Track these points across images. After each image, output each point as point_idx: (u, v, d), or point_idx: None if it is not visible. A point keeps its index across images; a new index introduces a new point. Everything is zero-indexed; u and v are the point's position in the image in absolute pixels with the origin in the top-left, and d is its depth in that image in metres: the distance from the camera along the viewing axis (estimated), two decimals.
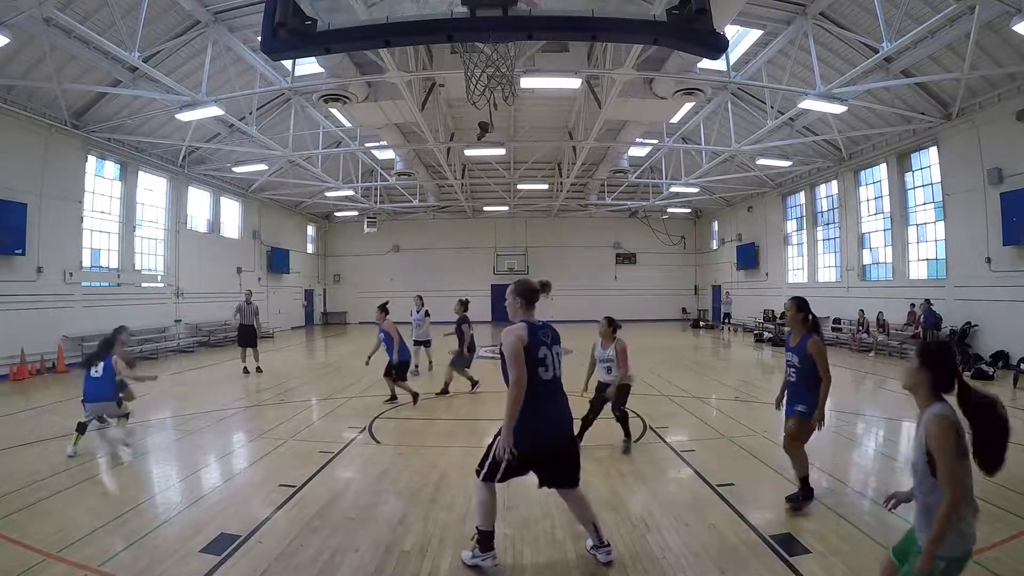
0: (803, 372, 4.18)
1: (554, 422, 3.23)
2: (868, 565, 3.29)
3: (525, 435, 3.11)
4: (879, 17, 8.97)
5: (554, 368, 3.25)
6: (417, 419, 7.46)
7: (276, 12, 2.73)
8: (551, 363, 3.23)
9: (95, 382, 5.90)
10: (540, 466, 3.27)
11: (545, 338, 3.26)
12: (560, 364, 3.31)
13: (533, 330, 3.23)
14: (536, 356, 3.18)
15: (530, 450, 3.14)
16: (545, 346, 3.24)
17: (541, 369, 3.19)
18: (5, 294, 10.96)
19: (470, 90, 7.67)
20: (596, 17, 2.85)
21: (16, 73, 10.25)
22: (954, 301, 12.51)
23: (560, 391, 3.30)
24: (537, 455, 3.19)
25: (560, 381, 3.30)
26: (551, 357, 3.24)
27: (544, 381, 3.19)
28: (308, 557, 3.49)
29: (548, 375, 3.21)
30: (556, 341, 3.34)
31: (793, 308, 4.25)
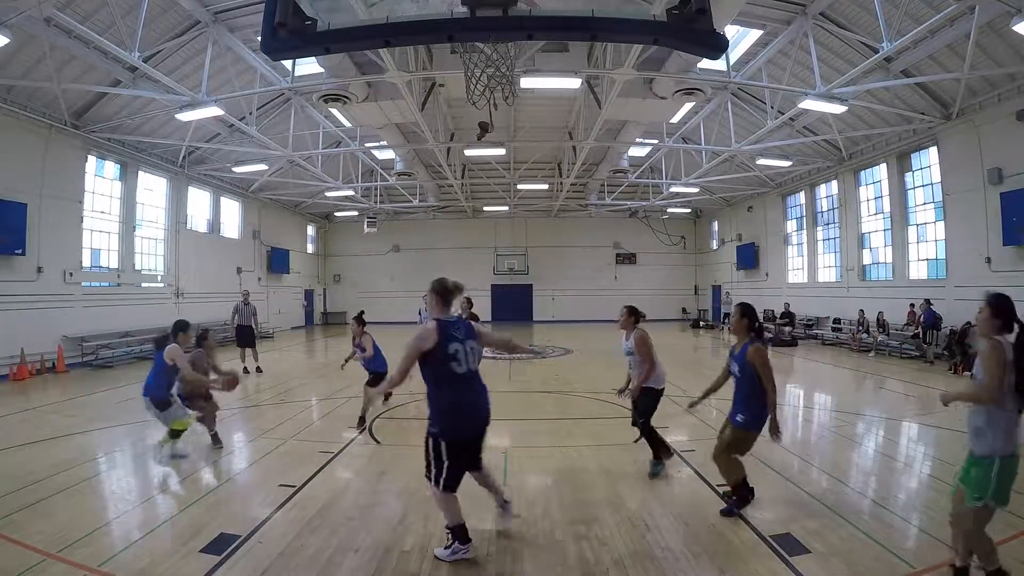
0: (743, 381, 4.05)
1: (472, 412, 3.48)
2: (868, 565, 3.30)
3: (449, 426, 3.40)
4: (879, 17, 8.97)
5: (467, 363, 3.43)
6: (417, 419, 7.45)
7: (276, 12, 2.73)
8: (463, 358, 3.41)
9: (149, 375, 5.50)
10: (468, 453, 3.53)
11: (457, 333, 3.44)
12: (474, 358, 3.48)
13: (444, 327, 3.42)
14: (447, 352, 3.36)
15: (455, 437, 3.41)
16: (457, 341, 3.41)
17: (454, 364, 3.38)
18: (5, 294, 10.95)
19: (470, 90, 7.66)
20: (596, 17, 2.85)
21: (16, 73, 10.25)
22: (954, 301, 12.50)
23: (476, 382, 3.50)
24: (463, 443, 3.46)
25: (475, 373, 3.49)
26: (463, 352, 3.41)
27: (458, 375, 3.39)
28: (308, 557, 3.49)
29: (461, 369, 3.40)
30: (470, 336, 3.50)
31: (737, 314, 4.14)
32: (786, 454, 5.76)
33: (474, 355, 3.48)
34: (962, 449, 3.13)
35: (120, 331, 13.73)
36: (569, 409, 8.06)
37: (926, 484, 4.86)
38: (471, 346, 3.47)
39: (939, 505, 4.24)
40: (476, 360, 3.50)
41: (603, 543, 3.67)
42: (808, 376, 11.95)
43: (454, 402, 3.40)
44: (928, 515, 4.06)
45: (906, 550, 3.50)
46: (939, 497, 4.42)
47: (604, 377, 10.55)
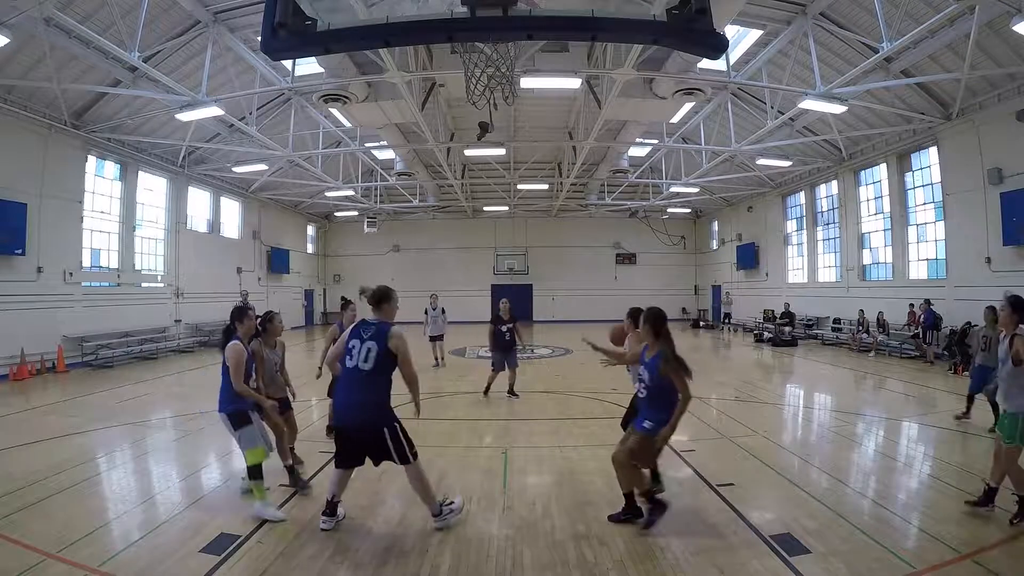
0: (653, 387, 3.90)
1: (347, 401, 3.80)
2: (868, 565, 3.30)
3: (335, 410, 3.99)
4: (879, 17, 8.96)
5: (358, 359, 3.72)
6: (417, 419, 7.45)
7: (276, 12, 2.73)
8: (356, 354, 3.73)
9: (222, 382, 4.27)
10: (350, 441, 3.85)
11: (365, 333, 3.77)
12: (367, 358, 3.70)
13: (357, 326, 3.86)
14: (346, 346, 3.78)
15: (336, 423, 3.94)
16: (359, 339, 3.76)
17: (347, 357, 3.76)
18: (5, 294, 10.95)
19: (470, 90, 7.66)
20: (596, 17, 2.85)
21: (16, 73, 10.25)
22: (954, 301, 12.50)
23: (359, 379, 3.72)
24: (339, 429, 3.90)
25: (362, 371, 3.70)
26: (359, 349, 3.72)
27: (346, 367, 3.76)
28: (308, 557, 3.49)
29: (351, 363, 3.74)
30: (375, 338, 3.74)
31: (645, 321, 3.99)
32: (786, 454, 5.77)
33: (368, 355, 3.70)
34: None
35: (120, 331, 13.73)
36: (569, 409, 8.06)
37: (926, 484, 4.86)
38: (369, 347, 3.72)
39: (939, 505, 4.24)
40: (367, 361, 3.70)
41: (603, 543, 3.67)
42: (808, 376, 11.95)
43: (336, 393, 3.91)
44: (928, 515, 4.06)
45: (906, 550, 3.50)
46: (939, 497, 4.43)
47: (604, 377, 10.54)
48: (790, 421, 7.76)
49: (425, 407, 8.20)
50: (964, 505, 4.10)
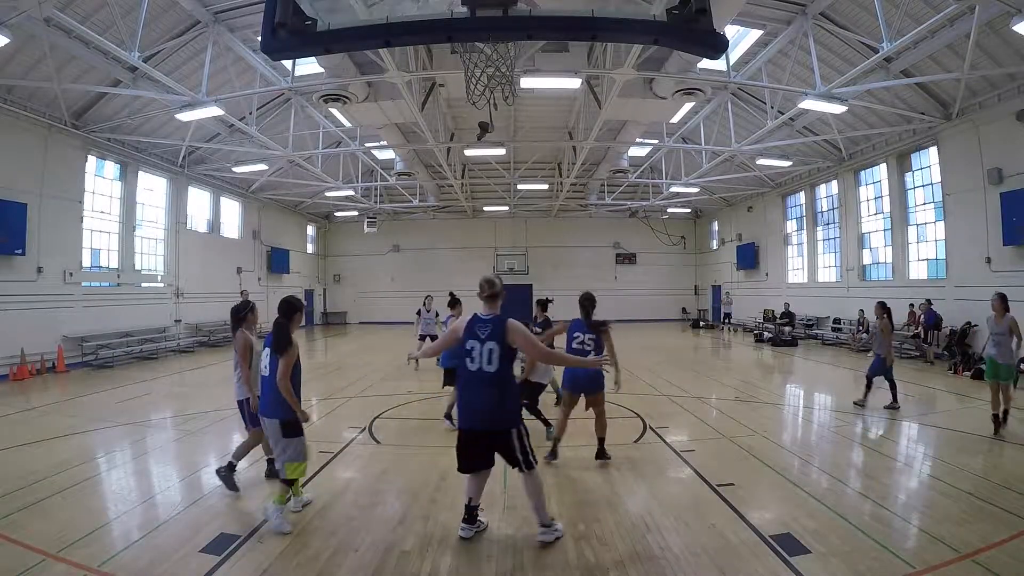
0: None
1: (472, 403, 3.62)
2: (868, 565, 3.30)
3: (459, 412, 3.75)
4: (879, 17, 8.96)
5: (481, 362, 3.53)
6: (417, 419, 7.47)
7: (276, 12, 2.73)
8: (477, 356, 3.54)
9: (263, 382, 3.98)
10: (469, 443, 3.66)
11: (482, 333, 3.56)
12: (490, 360, 3.51)
13: (472, 324, 3.62)
14: (464, 347, 3.58)
15: (461, 424, 3.70)
16: (477, 340, 3.55)
17: (467, 360, 3.57)
18: (5, 294, 10.96)
19: (470, 90, 7.66)
20: (596, 17, 2.84)
21: (16, 73, 10.25)
22: (954, 301, 12.51)
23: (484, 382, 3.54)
24: (464, 431, 3.68)
25: (487, 374, 3.52)
26: (479, 351, 3.53)
27: (469, 371, 3.57)
28: (308, 557, 3.49)
29: (473, 367, 3.55)
30: (493, 338, 3.52)
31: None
32: (786, 454, 5.77)
33: (491, 357, 3.50)
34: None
35: (120, 331, 13.73)
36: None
37: (926, 484, 4.86)
38: (490, 348, 3.51)
39: (939, 505, 4.24)
40: (492, 362, 3.51)
41: (603, 543, 3.67)
42: (808, 376, 11.95)
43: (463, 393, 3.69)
44: (928, 515, 4.06)
45: (906, 550, 3.50)
46: (939, 497, 4.43)
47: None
48: (790, 421, 7.76)
49: (425, 407, 8.23)
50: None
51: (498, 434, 3.60)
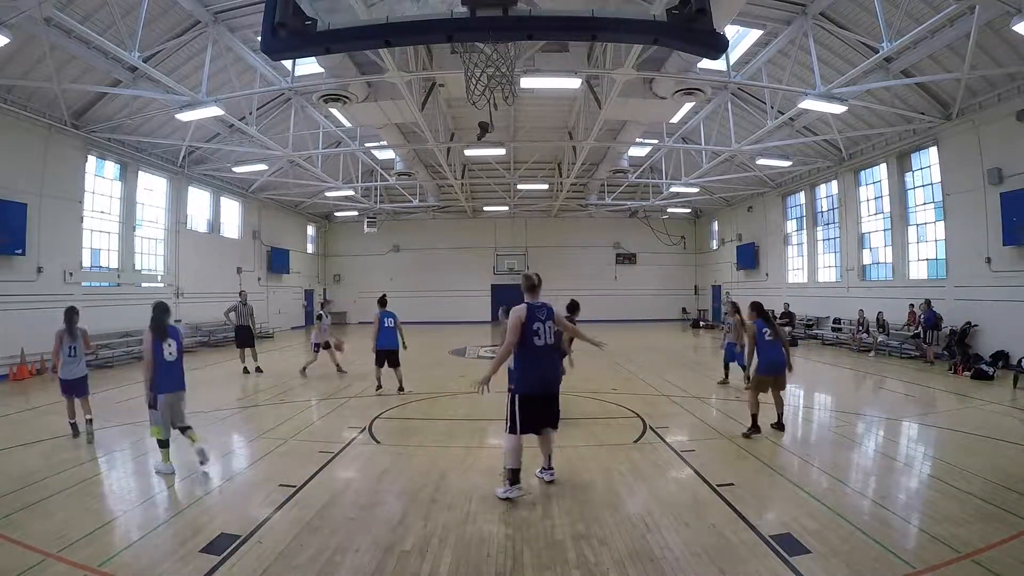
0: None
1: (544, 373, 4.54)
2: (868, 565, 3.30)
3: (526, 382, 4.42)
4: (879, 17, 8.96)
5: (546, 338, 4.46)
6: (417, 419, 7.47)
7: (276, 12, 2.73)
8: (543, 334, 4.44)
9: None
10: (539, 407, 4.47)
11: (540, 315, 4.45)
12: (551, 335, 4.52)
13: (531, 309, 4.45)
14: (531, 328, 4.40)
15: (530, 391, 4.42)
16: (539, 321, 4.43)
17: (535, 338, 4.40)
18: (5, 294, 10.96)
19: (470, 90, 7.66)
20: (596, 17, 2.84)
21: (16, 73, 10.24)
22: (954, 301, 12.51)
23: (550, 353, 4.58)
24: (536, 397, 4.45)
25: (550, 347, 4.53)
26: (543, 329, 4.45)
27: (538, 347, 4.42)
28: (308, 557, 3.49)
29: (540, 342, 4.42)
30: (550, 317, 4.52)
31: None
32: (786, 454, 5.77)
33: (551, 332, 4.48)
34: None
35: (120, 331, 13.72)
36: (569, 409, 8.04)
37: (926, 484, 4.86)
38: (550, 325, 4.49)
39: (939, 505, 4.24)
40: (552, 337, 4.52)
41: (603, 543, 3.67)
42: (808, 376, 11.94)
43: (534, 364, 4.44)
44: (928, 515, 4.06)
45: (906, 550, 3.50)
46: (939, 497, 4.43)
47: (604, 377, 10.55)
48: (790, 421, 7.74)
49: (424, 407, 8.23)
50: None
51: (556, 396, 4.70)
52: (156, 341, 5.01)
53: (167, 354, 5.05)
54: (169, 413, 5.08)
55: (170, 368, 5.07)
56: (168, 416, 5.07)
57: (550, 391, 4.60)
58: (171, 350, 5.06)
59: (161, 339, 5.05)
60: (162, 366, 5.02)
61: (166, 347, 5.05)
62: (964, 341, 11.59)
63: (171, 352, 5.07)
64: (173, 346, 5.09)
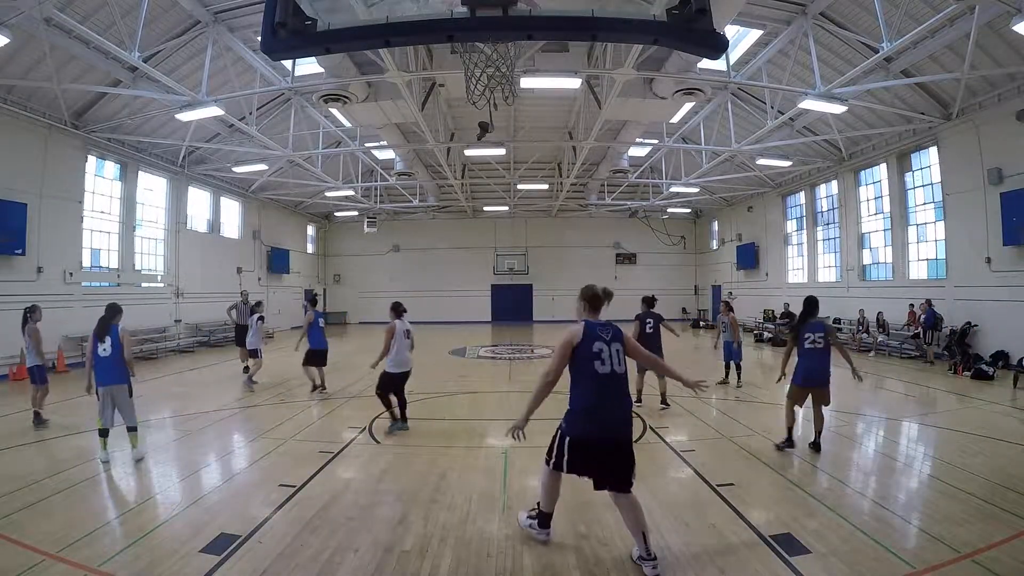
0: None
1: (606, 412, 3.36)
2: (868, 565, 3.30)
3: (579, 422, 3.39)
4: (879, 17, 8.96)
5: (612, 363, 3.38)
6: (417, 419, 7.46)
7: (276, 12, 2.73)
8: (607, 358, 3.38)
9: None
10: (597, 457, 3.37)
11: (604, 335, 3.44)
12: (620, 360, 3.42)
13: (591, 328, 3.46)
14: (591, 351, 3.38)
15: (583, 435, 3.36)
16: (603, 341, 3.41)
17: (597, 363, 3.36)
18: (5, 294, 10.95)
19: (470, 90, 7.66)
20: (596, 17, 2.84)
21: (16, 73, 10.24)
22: (954, 301, 12.51)
23: (618, 385, 3.40)
24: (591, 444, 3.35)
25: (618, 376, 3.40)
26: (608, 352, 3.39)
27: (600, 375, 3.35)
28: (308, 557, 3.49)
29: (605, 369, 3.36)
30: (616, 339, 3.46)
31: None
32: (786, 454, 5.76)
33: (619, 357, 3.44)
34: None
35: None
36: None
37: (926, 484, 4.86)
38: (617, 348, 3.45)
39: (939, 505, 4.24)
40: (621, 363, 3.45)
41: (603, 543, 3.67)
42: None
43: (592, 399, 3.38)
44: (928, 515, 4.06)
45: (906, 550, 3.50)
46: (939, 497, 4.43)
47: None
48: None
49: (424, 407, 8.23)
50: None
51: (626, 444, 3.42)
52: (94, 339, 5.51)
53: (101, 351, 5.47)
54: (106, 404, 5.45)
55: (103, 363, 5.46)
56: (105, 407, 5.44)
57: (616, 436, 3.38)
58: (105, 347, 5.46)
59: (99, 338, 5.48)
60: (97, 362, 5.47)
61: (101, 345, 5.47)
62: (964, 341, 11.59)
63: (105, 349, 5.46)
64: (108, 343, 5.47)
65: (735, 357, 9.58)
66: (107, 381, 5.45)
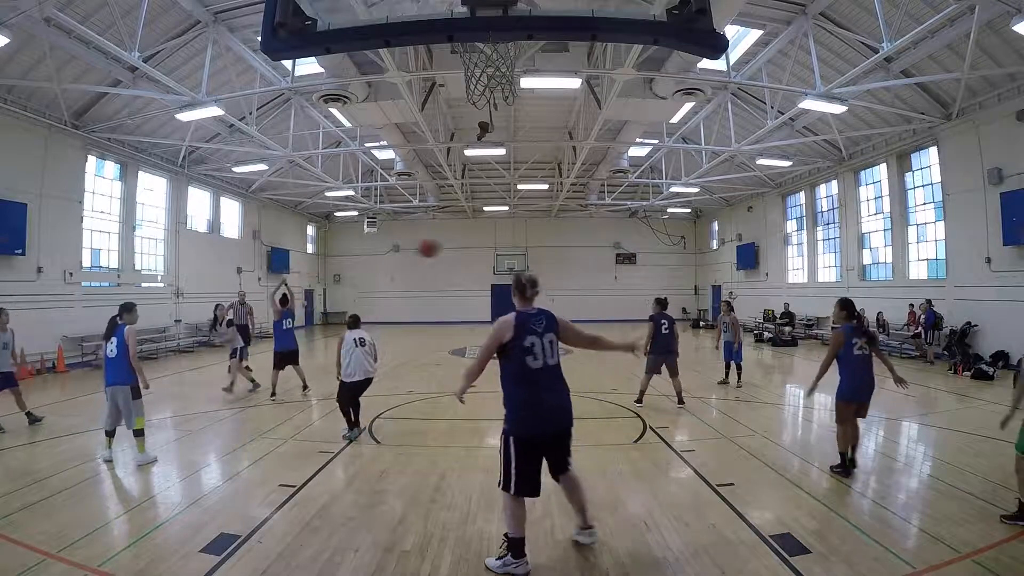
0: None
1: (546, 405, 3.30)
2: (868, 565, 3.30)
3: (522, 419, 3.27)
4: (879, 17, 8.97)
5: (544, 357, 3.29)
6: (417, 419, 7.47)
7: (276, 12, 2.73)
8: (539, 352, 3.27)
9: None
10: (544, 452, 3.33)
11: (537, 327, 3.32)
12: (553, 352, 3.34)
13: (522, 319, 3.33)
14: (522, 345, 3.26)
15: (527, 432, 3.26)
16: (535, 335, 3.29)
17: (529, 358, 3.26)
18: (5, 294, 10.93)
19: (470, 90, 7.66)
20: (596, 17, 2.85)
21: (16, 73, 10.25)
22: (954, 301, 12.51)
23: (552, 376, 3.33)
24: (537, 440, 3.28)
25: (551, 367, 3.32)
26: (540, 345, 3.28)
27: (532, 370, 3.26)
28: (308, 557, 3.49)
29: (537, 364, 3.27)
30: (550, 328, 3.36)
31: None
32: (786, 454, 5.77)
33: (553, 349, 3.34)
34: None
35: None
36: None
37: (926, 484, 4.86)
38: (550, 340, 3.33)
39: (939, 505, 4.24)
40: (554, 355, 3.36)
41: (603, 543, 3.66)
42: (808, 376, 11.91)
43: (530, 396, 3.27)
44: (928, 515, 4.06)
45: (906, 550, 3.50)
46: (939, 497, 4.43)
47: (603, 377, 10.55)
48: (790, 421, 7.76)
49: (424, 407, 8.22)
50: (1000, 521, 3.76)
51: (565, 434, 3.41)
52: (104, 340, 5.56)
53: (108, 351, 5.48)
54: (110, 405, 5.45)
55: (109, 364, 5.47)
56: (109, 407, 5.46)
57: (558, 427, 3.35)
58: (111, 347, 5.45)
59: (106, 338, 5.53)
60: (105, 362, 5.53)
61: (108, 346, 5.49)
62: (964, 341, 11.59)
63: (111, 350, 5.45)
64: (113, 343, 5.44)
65: (735, 357, 9.60)
66: (110, 381, 5.42)
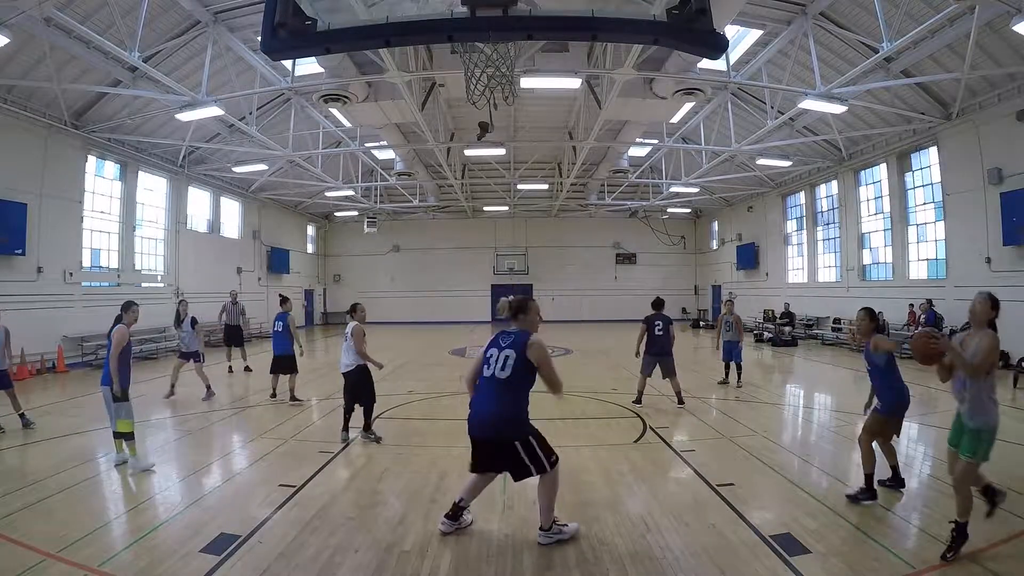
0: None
1: (476, 413, 3.69)
2: (868, 565, 3.30)
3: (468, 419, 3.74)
4: (879, 17, 8.97)
5: (494, 368, 3.58)
6: (417, 419, 7.46)
7: (276, 12, 2.73)
8: (493, 362, 3.60)
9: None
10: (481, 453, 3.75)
11: (504, 341, 3.65)
12: (504, 365, 3.54)
13: (497, 335, 3.76)
14: (485, 355, 3.68)
15: (469, 431, 3.73)
16: (497, 347, 3.64)
17: (485, 367, 3.65)
18: (5, 294, 10.94)
19: (470, 90, 7.67)
20: (596, 17, 2.84)
21: (16, 73, 10.25)
22: (954, 301, 12.50)
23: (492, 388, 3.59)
24: (472, 439, 3.74)
25: (496, 380, 3.56)
26: (496, 357, 3.60)
27: (484, 377, 3.65)
28: (308, 557, 3.49)
29: (488, 372, 3.62)
30: (513, 346, 3.57)
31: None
32: (786, 454, 5.77)
33: (503, 363, 3.54)
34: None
35: None
36: (569, 409, 8.05)
37: (926, 484, 4.87)
38: (506, 355, 3.55)
39: (939, 505, 4.24)
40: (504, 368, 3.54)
41: (603, 543, 3.67)
42: (808, 376, 11.95)
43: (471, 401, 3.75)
44: (928, 515, 4.06)
45: (906, 550, 3.50)
46: (939, 497, 4.43)
47: (604, 377, 10.56)
48: (790, 421, 7.76)
49: (425, 407, 8.22)
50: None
51: (502, 445, 3.59)
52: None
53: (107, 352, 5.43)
54: (106, 406, 5.36)
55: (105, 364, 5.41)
56: (106, 408, 5.37)
57: (483, 434, 3.64)
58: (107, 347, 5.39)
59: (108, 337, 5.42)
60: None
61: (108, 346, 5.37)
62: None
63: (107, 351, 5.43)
64: (107, 343, 5.38)
65: (735, 357, 9.58)
66: (101, 382, 5.36)
